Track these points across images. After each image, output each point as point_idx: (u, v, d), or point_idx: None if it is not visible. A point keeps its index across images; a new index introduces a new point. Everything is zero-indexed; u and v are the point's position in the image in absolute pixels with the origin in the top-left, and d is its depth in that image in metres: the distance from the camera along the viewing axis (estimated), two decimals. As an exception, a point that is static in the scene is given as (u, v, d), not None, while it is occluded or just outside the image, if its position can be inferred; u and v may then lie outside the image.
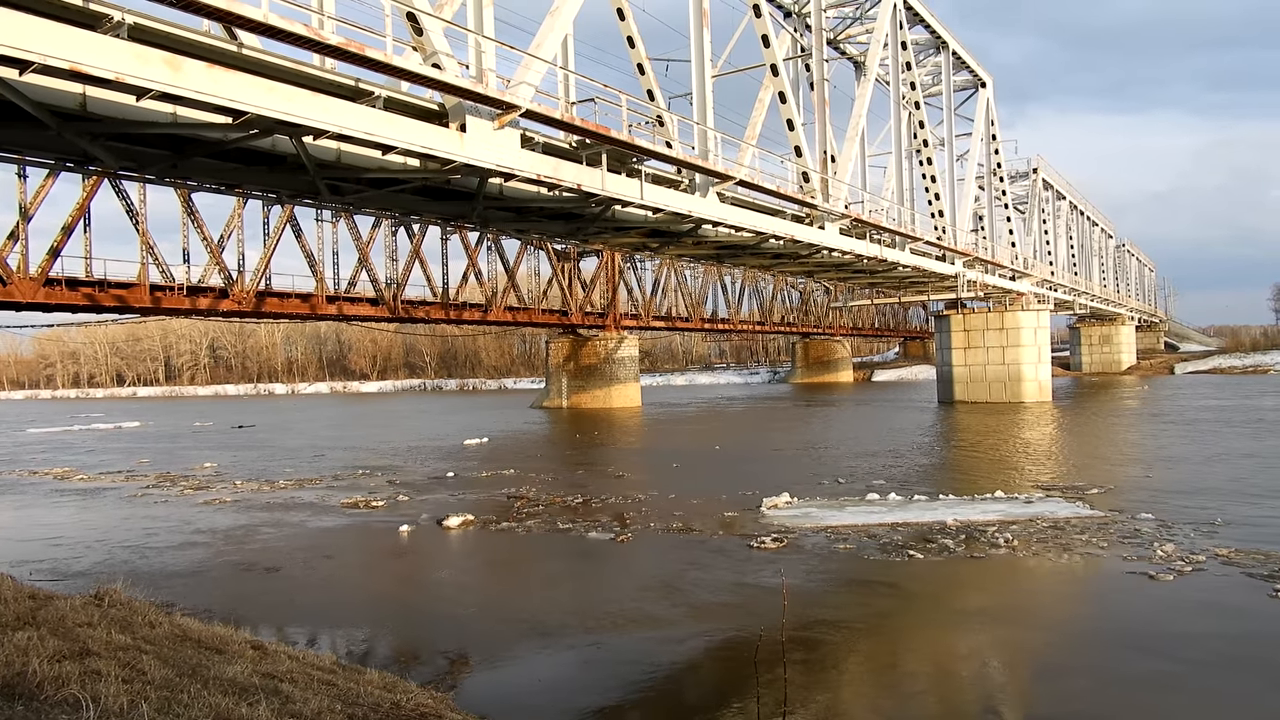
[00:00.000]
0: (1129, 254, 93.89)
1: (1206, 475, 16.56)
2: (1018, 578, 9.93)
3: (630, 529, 12.81)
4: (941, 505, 13.70)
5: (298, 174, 14.30)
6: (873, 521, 12.59)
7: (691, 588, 9.69)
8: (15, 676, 3.99)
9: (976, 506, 13.50)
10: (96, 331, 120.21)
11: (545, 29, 14.97)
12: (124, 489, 19.32)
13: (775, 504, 14.05)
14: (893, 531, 11.91)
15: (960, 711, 6.38)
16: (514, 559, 11.84)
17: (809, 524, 12.61)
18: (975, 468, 19.21)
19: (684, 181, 19.57)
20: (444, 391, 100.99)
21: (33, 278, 24.26)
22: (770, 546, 11.28)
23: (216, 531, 13.90)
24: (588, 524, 13.28)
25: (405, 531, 13.30)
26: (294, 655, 6.15)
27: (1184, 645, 7.52)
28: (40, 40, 8.68)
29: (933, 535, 11.56)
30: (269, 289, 31.73)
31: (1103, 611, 8.47)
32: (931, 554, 10.65)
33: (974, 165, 39.19)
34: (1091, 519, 12.40)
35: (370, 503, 15.84)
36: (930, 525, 12.20)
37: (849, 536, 11.76)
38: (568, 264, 48.23)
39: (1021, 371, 39.34)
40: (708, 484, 17.22)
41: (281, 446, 29.78)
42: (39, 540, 13.50)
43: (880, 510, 13.49)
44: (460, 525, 13.51)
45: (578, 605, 9.20)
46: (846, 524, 12.49)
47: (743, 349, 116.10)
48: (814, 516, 13.12)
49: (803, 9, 27.67)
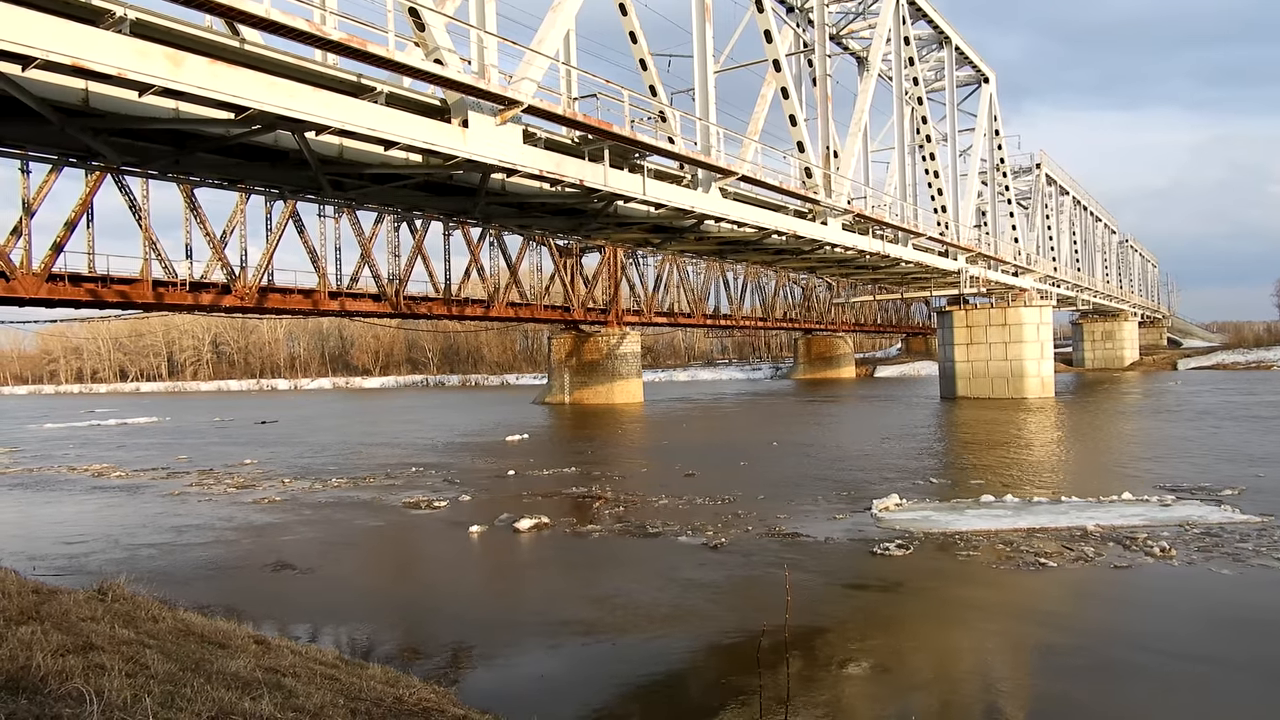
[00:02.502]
0: (1132, 249, 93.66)
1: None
2: (1216, 593, 8.64)
3: (725, 532, 11.71)
4: (1071, 509, 12.54)
5: (300, 169, 14.31)
6: (1004, 527, 11.43)
7: (822, 604, 8.45)
8: (19, 670, 4.01)
9: (1112, 510, 12.35)
10: (99, 327, 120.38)
11: (547, 24, 14.95)
12: (164, 486, 18.63)
13: (886, 506, 12.93)
14: (1029, 538, 10.76)
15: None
16: (600, 564, 10.69)
17: (934, 528, 11.54)
18: (1063, 467, 18.10)
19: (686, 177, 19.55)
20: (446, 387, 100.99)
21: (36, 273, 24.31)
22: (896, 554, 10.20)
23: (273, 532, 13.10)
24: (675, 527, 12.24)
25: (476, 533, 12.45)
26: (297, 650, 6.17)
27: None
28: (43, 36, 8.69)
29: (1074, 542, 10.43)
30: (271, 285, 31.79)
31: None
32: (1101, 564, 9.50)
33: (977, 161, 39.09)
34: (1247, 525, 11.24)
35: (433, 503, 14.99)
36: (1069, 531, 11.07)
37: (982, 543, 10.64)
38: (570, 260, 48.23)
39: (1024, 367, 39.32)
40: (787, 483, 16.23)
41: (314, 443, 29.02)
42: (99, 536, 12.99)
43: (1004, 514, 12.31)
44: (534, 528, 12.50)
45: (696, 632, 7.85)
46: (976, 529, 11.38)
47: (745, 345, 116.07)
48: (935, 520, 12.02)
49: (805, 4, 27.62)
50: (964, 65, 39.24)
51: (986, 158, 41.12)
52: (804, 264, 32.61)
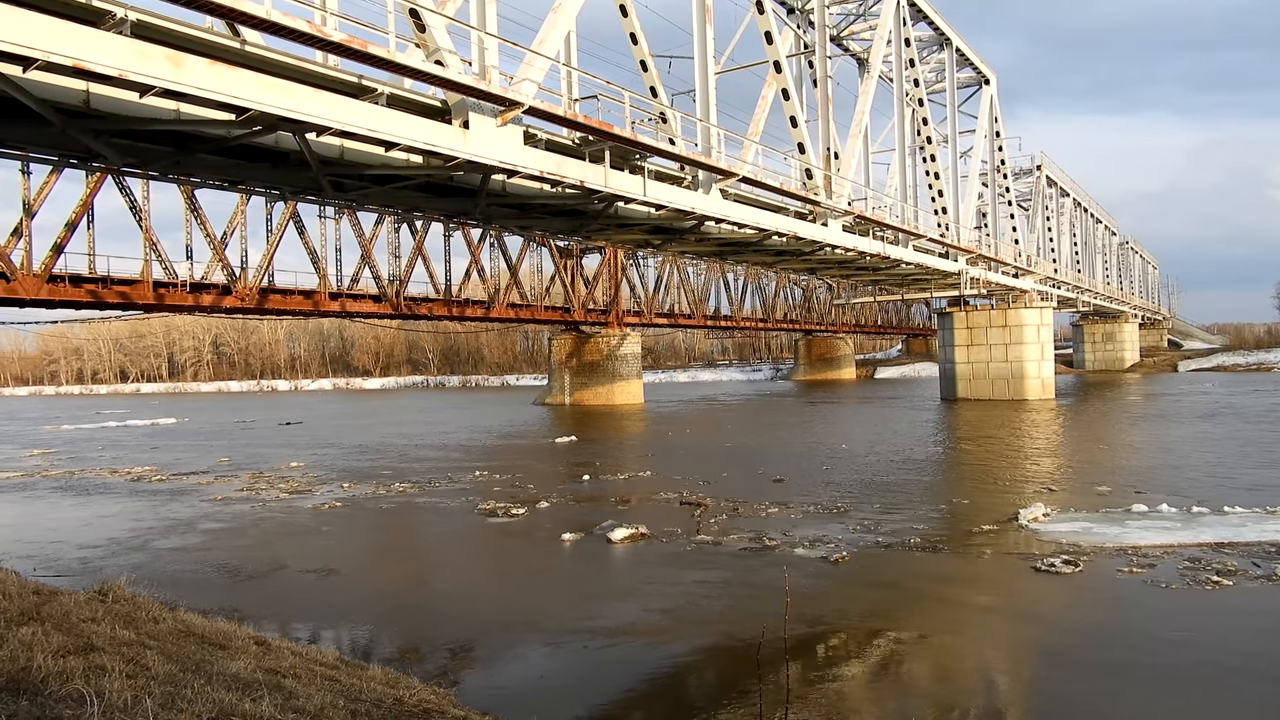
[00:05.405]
0: (1132, 251, 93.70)
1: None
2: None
3: (844, 547, 10.72)
4: (1245, 520, 11.47)
5: (301, 171, 14.33)
6: (1183, 541, 10.39)
7: (1008, 643, 7.40)
8: (20, 671, 4.02)
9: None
10: (100, 328, 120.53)
11: (548, 25, 14.97)
12: (217, 490, 17.73)
13: (1035, 517, 12.06)
14: (1217, 553, 9.76)
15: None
16: (715, 583, 9.54)
17: (1100, 542, 10.57)
18: (1171, 470, 16.76)
19: (687, 178, 19.56)
20: (446, 388, 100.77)
21: (36, 274, 24.33)
22: (1064, 570, 9.29)
23: (354, 543, 12.53)
24: (786, 538, 11.27)
25: (569, 540, 11.64)
26: (297, 651, 6.17)
27: None
28: (44, 37, 8.70)
29: (1273, 560, 9.42)
30: (272, 285, 31.82)
31: None
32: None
33: (977, 162, 39.12)
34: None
35: (510, 510, 14.22)
36: (1260, 546, 10.02)
37: (1165, 559, 9.63)
38: (570, 261, 48.26)
39: (1025, 369, 39.32)
40: (882, 488, 15.31)
41: (351, 444, 27.93)
42: (199, 549, 12.05)
43: (1172, 526, 11.29)
44: (628, 538, 11.58)
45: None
46: (1151, 543, 10.38)
47: (745, 346, 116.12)
48: (1098, 534, 10.99)
49: (806, 5, 27.65)
50: (965, 67, 39.29)
51: (987, 159, 41.15)
52: (804, 265, 32.62)
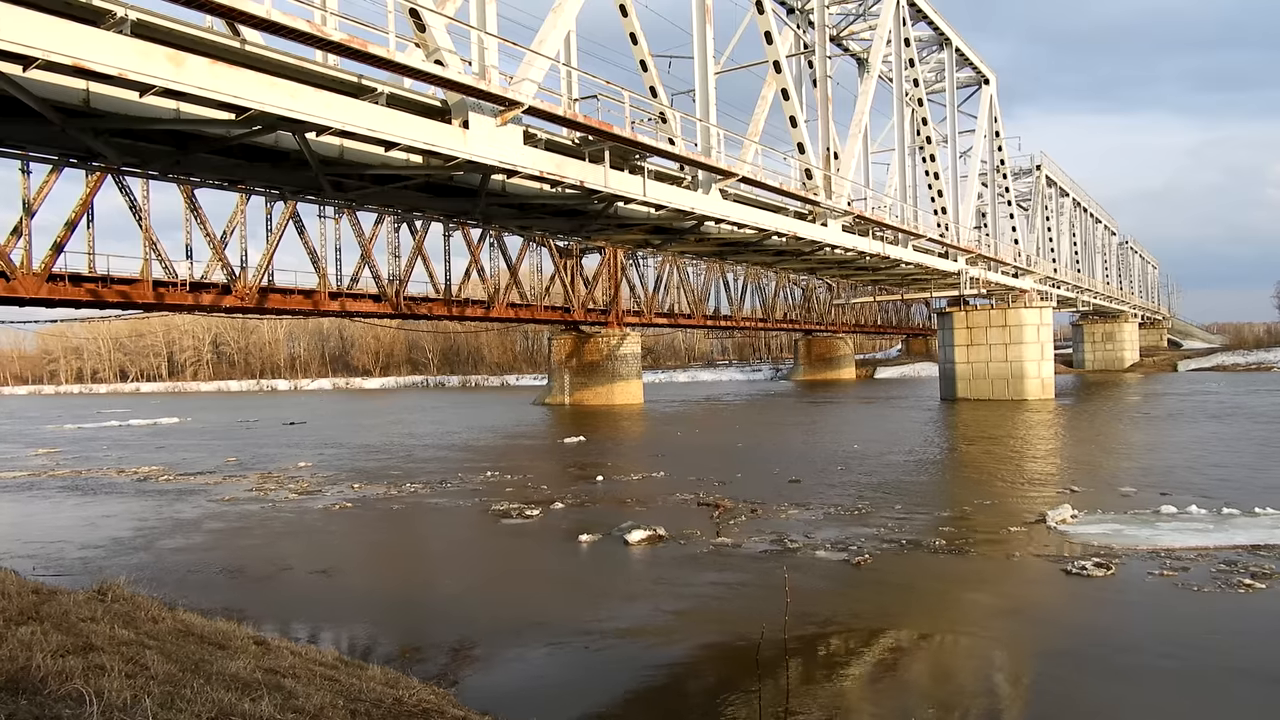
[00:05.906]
0: (1132, 251, 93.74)
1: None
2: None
3: (868, 549, 10.46)
4: (1277, 521, 11.30)
5: (301, 170, 14.33)
6: (1218, 544, 10.12)
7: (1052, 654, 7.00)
8: (19, 671, 4.02)
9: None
10: (100, 327, 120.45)
11: (548, 25, 14.97)
12: (221, 490, 17.57)
13: (1063, 518, 11.81)
14: (1252, 555, 9.52)
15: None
16: (732, 584, 9.32)
17: (1132, 544, 10.33)
18: (1192, 470, 16.47)
19: (687, 178, 19.56)
20: (446, 388, 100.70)
21: (36, 273, 24.32)
22: (1096, 574, 9.07)
23: (372, 544, 12.40)
24: (808, 540, 11.04)
25: (585, 542, 11.39)
26: (296, 651, 6.17)
27: None
28: (44, 36, 8.70)
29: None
30: (272, 285, 31.81)
31: None
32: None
33: (977, 162, 39.13)
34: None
35: (524, 511, 14.02)
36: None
37: (1199, 562, 9.37)
38: (570, 261, 48.25)
39: (1024, 369, 39.33)
40: (900, 489, 15.10)
41: (357, 444, 27.80)
42: (210, 550, 11.88)
43: (1205, 527, 11.02)
44: (645, 540, 11.26)
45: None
46: (1185, 546, 10.12)
47: (745, 346, 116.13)
48: (1129, 536, 10.73)
49: (805, 5, 27.65)
50: (964, 67, 39.29)
51: (987, 159, 41.15)
52: (804, 265, 32.62)
